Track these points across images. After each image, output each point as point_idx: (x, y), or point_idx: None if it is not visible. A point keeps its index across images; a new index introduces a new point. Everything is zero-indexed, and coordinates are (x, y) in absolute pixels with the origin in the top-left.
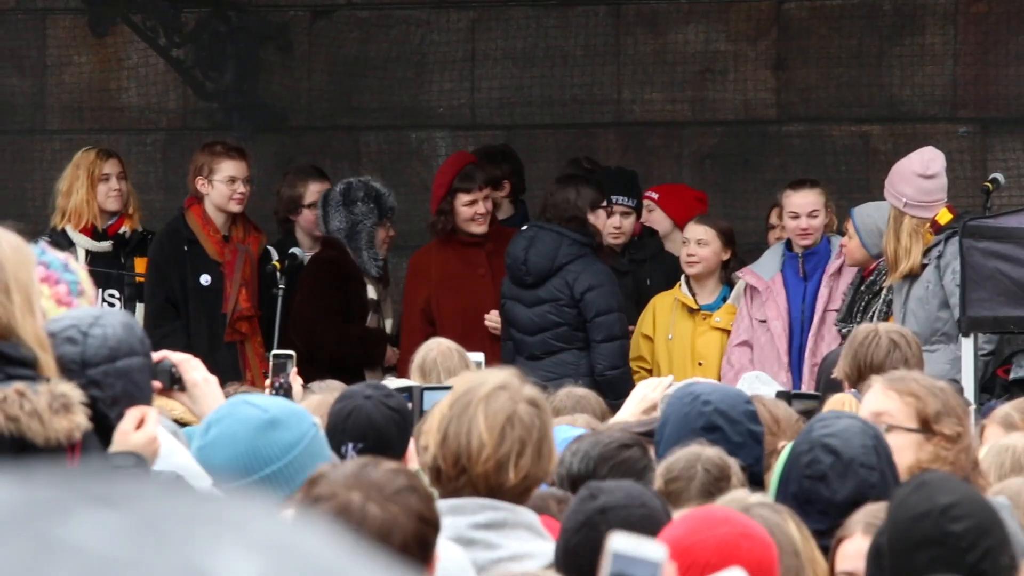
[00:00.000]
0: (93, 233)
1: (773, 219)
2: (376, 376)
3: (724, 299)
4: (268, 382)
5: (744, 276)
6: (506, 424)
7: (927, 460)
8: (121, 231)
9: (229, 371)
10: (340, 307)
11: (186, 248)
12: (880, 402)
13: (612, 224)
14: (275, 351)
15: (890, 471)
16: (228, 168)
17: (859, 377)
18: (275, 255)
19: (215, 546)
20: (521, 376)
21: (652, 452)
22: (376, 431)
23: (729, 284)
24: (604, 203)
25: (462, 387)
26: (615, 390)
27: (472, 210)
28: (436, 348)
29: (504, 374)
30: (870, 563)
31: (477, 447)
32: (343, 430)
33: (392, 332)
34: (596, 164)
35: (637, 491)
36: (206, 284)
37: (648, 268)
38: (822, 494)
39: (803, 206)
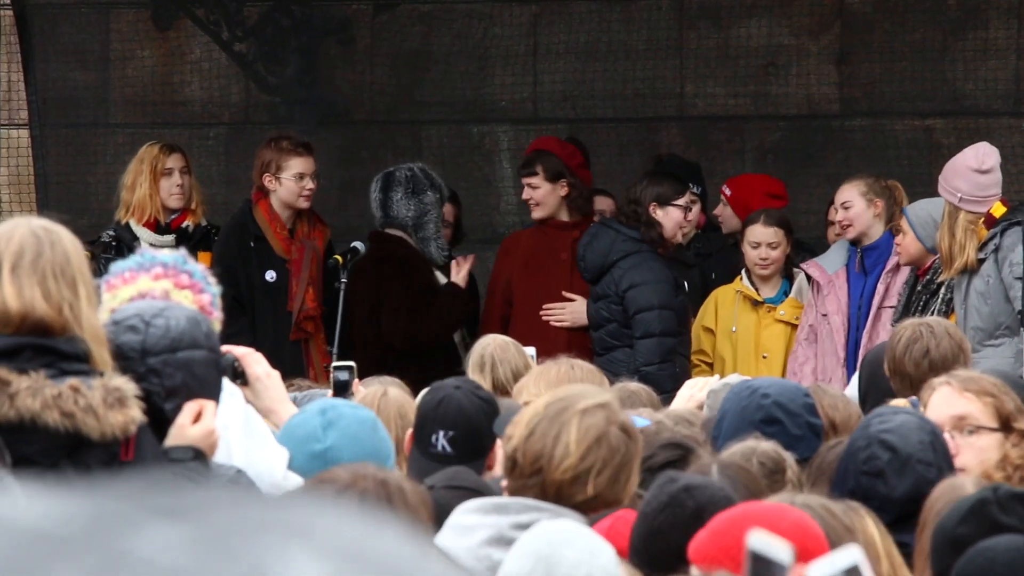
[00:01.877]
0: (156, 227)
1: (832, 215)
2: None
3: (785, 292)
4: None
5: (808, 269)
6: (595, 442)
7: (1017, 457)
8: (184, 225)
9: (293, 369)
10: (418, 299)
11: (252, 244)
12: (958, 405)
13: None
14: (335, 363)
15: (947, 467)
16: (296, 164)
17: (891, 372)
18: (361, 246)
19: (283, 554)
20: (619, 401)
21: (702, 451)
22: (466, 419)
23: (789, 278)
24: (678, 199)
25: (565, 391)
26: (655, 387)
27: (526, 194)
28: (492, 343)
29: (607, 394)
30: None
31: (561, 455)
32: (434, 419)
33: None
34: (675, 157)
35: (711, 478)
36: (271, 280)
37: (714, 262)
38: (879, 490)
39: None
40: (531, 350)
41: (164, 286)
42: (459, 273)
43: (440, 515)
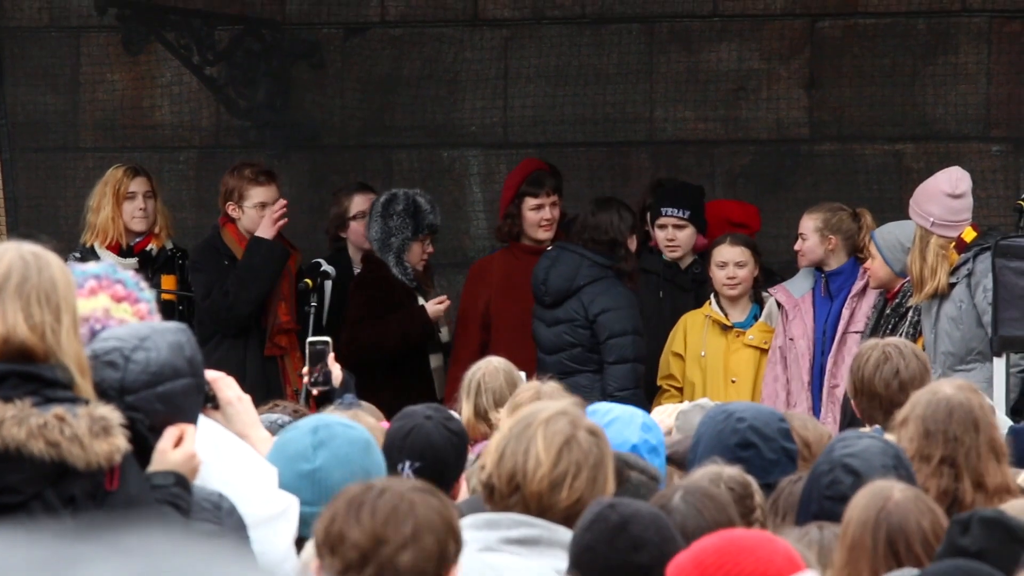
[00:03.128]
0: (119, 250)
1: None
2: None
3: (756, 317)
4: (306, 370)
5: (776, 294)
6: (564, 447)
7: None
8: (148, 248)
9: (270, 384)
10: (368, 310)
11: (226, 263)
12: None
13: (665, 237)
14: (311, 338)
15: None
16: (258, 194)
17: (857, 393)
18: (332, 270)
19: None
20: (581, 406)
21: (675, 477)
22: (434, 452)
23: (759, 302)
24: (637, 230)
25: (525, 411)
26: None
27: (539, 215)
28: (484, 368)
29: (565, 403)
30: None
31: (533, 466)
32: (401, 448)
33: (447, 341)
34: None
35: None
36: None
37: (711, 287)
38: (842, 513)
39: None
40: (522, 375)
41: (103, 303)
42: (436, 305)
43: None
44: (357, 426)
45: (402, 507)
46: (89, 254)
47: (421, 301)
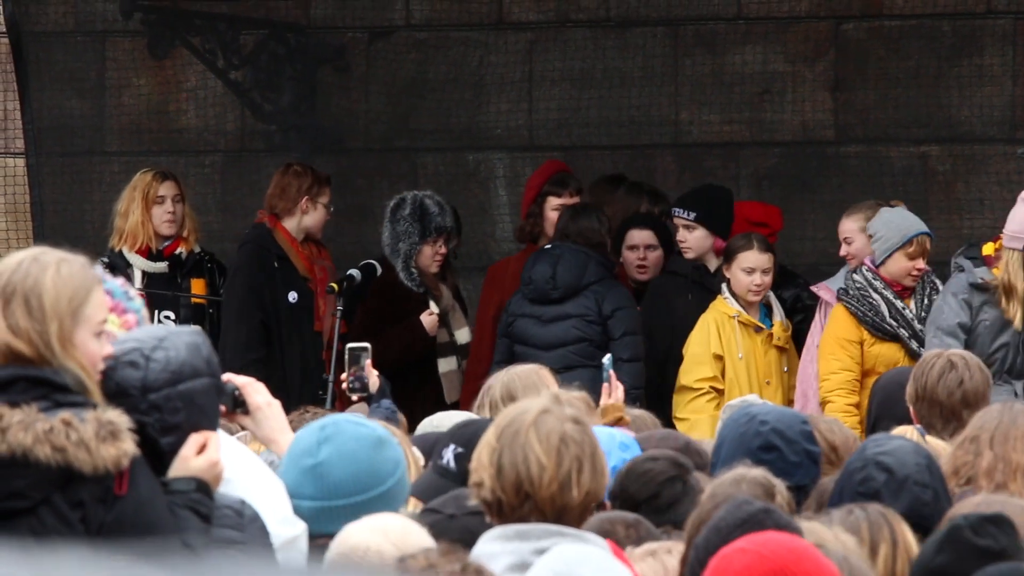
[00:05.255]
0: (148, 254)
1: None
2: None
3: (768, 316)
4: (344, 375)
5: (819, 292)
6: (561, 444)
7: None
8: (177, 252)
9: (304, 395)
10: (379, 326)
11: (276, 264)
12: None
13: (677, 237)
14: (350, 344)
15: (943, 490)
16: (328, 194)
17: (918, 399)
18: (357, 274)
19: None
20: (557, 397)
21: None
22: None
23: (764, 303)
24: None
25: (505, 418)
26: None
27: None
28: (510, 375)
29: (542, 399)
30: None
31: (538, 471)
32: (451, 435)
33: (465, 343)
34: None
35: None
36: (293, 301)
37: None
38: None
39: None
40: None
41: None
42: (428, 316)
43: (468, 541)
44: (369, 424)
45: None
46: (118, 258)
47: (432, 306)
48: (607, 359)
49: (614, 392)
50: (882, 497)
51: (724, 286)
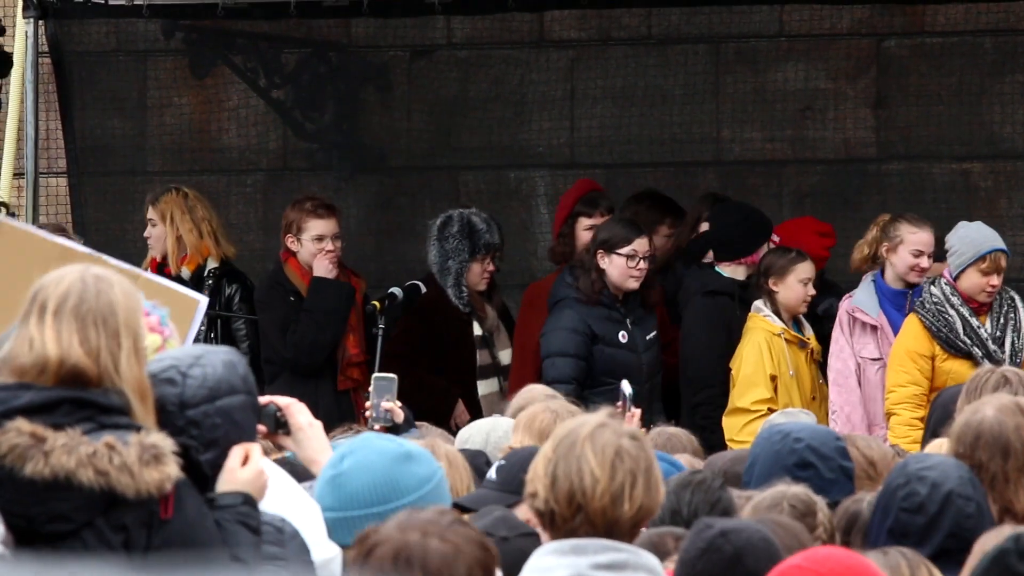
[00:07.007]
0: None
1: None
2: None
3: (799, 330)
4: (368, 403)
5: (853, 312)
6: (615, 458)
7: None
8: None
9: (345, 419)
10: (417, 352)
11: (292, 299)
12: None
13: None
14: (376, 374)
15: (985, 505)
16: (316, 227)
17: None
18: (399, 292)
19: None
20: (617, 415)
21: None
22: (520, 456)
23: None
24: (622, 248)
25: (563, 430)
26: None
27: (592, 235)
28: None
29: (601, 414)
30: None
31: (591, 483)
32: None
33: (507, 365)
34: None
35: (748, 521)
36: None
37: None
38: (919, 524)
39: (928, 244)
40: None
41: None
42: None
43: (519, 561)
44: (400, 441)
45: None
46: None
47: (476, 328)
48: (625, 384)
49: (634, 418)
50: (926, 509)
51: (760, 303)
